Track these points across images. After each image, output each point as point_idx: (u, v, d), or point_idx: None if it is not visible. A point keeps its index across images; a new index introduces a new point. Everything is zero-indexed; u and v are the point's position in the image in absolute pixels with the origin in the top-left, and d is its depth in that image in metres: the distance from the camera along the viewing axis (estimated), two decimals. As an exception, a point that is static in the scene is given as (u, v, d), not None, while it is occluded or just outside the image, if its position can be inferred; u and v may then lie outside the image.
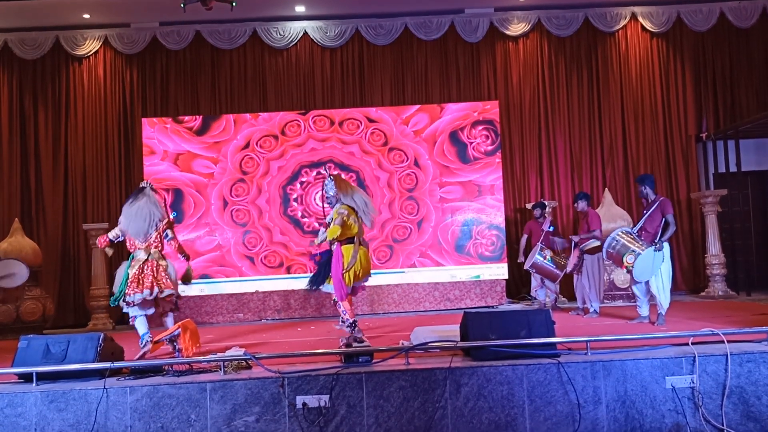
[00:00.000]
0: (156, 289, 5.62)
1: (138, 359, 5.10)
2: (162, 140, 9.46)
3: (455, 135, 9.61)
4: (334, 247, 6.27)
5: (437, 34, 10.56)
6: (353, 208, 6.34)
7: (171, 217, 6.25)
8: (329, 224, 6.27)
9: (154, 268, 5.70)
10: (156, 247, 5.82)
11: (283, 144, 9.54)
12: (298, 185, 9.52)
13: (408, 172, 9.59)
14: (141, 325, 5.69)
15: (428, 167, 9.58)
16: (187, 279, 6.11)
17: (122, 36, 10.43)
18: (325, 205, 6.66)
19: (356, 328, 6.19)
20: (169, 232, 5.93)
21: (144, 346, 5.54)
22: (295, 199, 9.51)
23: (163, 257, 5.89)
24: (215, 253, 9.37)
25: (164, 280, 5.70)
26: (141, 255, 5.75)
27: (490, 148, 9.61)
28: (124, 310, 5.77)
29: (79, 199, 10.26)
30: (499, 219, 9.53)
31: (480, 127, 9.66)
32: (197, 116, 9.64)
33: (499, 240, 9.48)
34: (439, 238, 9.49)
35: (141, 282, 5.62)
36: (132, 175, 10.27)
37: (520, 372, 4.31)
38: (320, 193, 6.75)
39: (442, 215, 9.52)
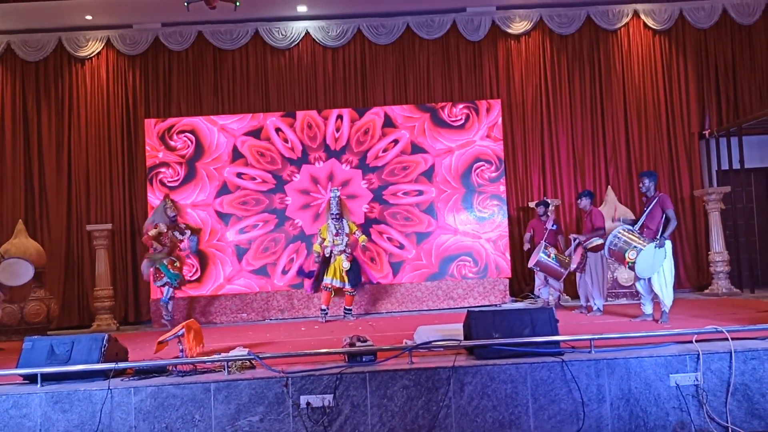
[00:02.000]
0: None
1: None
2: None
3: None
4: (349, 251, 8.51)
5: (439, 33, 10.55)
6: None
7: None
8: (345, 234, 8.49)
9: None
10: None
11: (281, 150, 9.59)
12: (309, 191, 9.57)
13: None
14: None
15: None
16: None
17: (124, 37, 10.45)
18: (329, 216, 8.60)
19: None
20: (177, 233, 8.69)
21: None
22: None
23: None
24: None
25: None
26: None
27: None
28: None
29: (83, 200, 10.28)
30: (502, 218, 9.55)
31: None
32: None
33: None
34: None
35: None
36: (135, 176, 10.29)
37: (523, 370, 4.31)
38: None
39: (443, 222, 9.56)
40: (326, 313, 8.59)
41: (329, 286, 8.48)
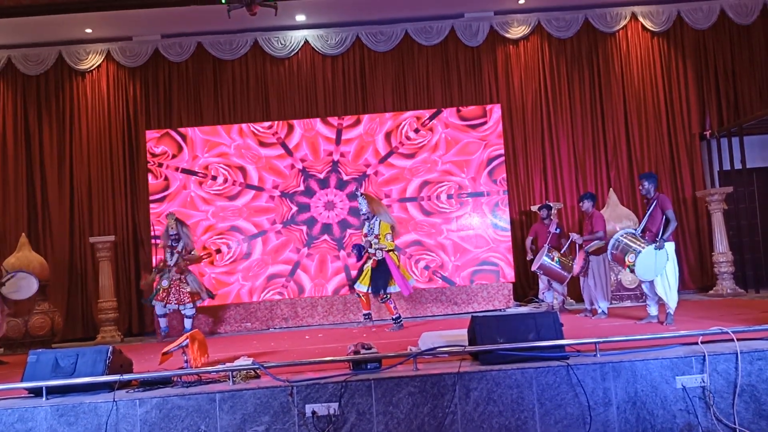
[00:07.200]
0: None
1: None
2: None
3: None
4: (379, 256, 7.70)
5: (437, 39, 10.58)
6: (392, 226, 7.89)
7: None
8: (374, 236, 7.76)
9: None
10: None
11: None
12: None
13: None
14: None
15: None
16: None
17: (124, 49, 10.50)
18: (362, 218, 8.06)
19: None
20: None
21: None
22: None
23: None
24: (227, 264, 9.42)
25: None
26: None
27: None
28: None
29: (85, 212, 10.30)
30: (504, 222, 9.53)
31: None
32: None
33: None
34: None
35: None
36: (137, 188, 10.31)
37: (529, 375, 4.29)
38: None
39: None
40: (369, 317, 8.16)
41: (357, 292, 8.05)
